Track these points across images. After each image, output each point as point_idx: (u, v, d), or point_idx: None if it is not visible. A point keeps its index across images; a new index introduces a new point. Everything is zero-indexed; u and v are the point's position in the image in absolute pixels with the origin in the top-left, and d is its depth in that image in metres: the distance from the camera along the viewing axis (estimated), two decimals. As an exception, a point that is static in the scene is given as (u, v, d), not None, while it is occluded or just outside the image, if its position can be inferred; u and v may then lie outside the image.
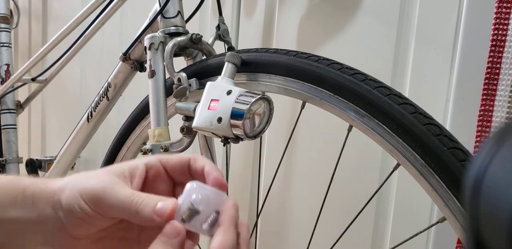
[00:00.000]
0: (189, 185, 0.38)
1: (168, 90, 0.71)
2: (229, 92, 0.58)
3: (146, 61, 0.73)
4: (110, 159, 0.89)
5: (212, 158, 0.83)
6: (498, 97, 0.66)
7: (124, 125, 0.86)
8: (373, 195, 0.60)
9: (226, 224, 0.36)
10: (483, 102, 0.66)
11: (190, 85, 0.67)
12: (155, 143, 0.69)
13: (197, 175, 0.40)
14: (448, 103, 0.77)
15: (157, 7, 0.77)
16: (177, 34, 0.73)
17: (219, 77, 0.61)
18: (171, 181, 0.42)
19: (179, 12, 0.75)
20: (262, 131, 0.60)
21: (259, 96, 0.57)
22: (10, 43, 1.36)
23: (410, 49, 0.81)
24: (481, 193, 0.21)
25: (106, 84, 0.92)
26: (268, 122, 0.60)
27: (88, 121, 0.97)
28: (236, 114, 0.56)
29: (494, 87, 0.66)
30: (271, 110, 0.60)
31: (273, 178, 0.69)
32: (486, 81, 0.66)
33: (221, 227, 0.36)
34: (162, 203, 0.36)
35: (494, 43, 0.65)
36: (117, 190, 0.37)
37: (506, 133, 0.22)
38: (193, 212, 0.36)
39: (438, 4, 0.77)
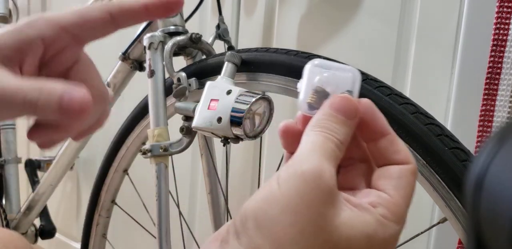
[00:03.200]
0: (309, 65, 0.31)
1: (168, 90, 0.71)
2: (229, 92, 0.58)
3: (145, 60, 0.73)
4: (109, 160, 0.89)
5: (212, 158, 0.83)
6: (499, 97, 0.65)
7: (123, 125, 0.86)
8: (373, 195, 0.59)
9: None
10: (484, 102, 0.66)
11: (189, 84, 0.67)
12: (154, 143, 0.69)
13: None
14: (449, 103, 0.76)
15: (156, 7, 0.77)
16: (177, 33, 0.73)
17: (219, 77, 0.61)
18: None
19: (179, 11, 0.75)
20: (262, 131, 0.60)
21: (259, 96, 0.57)
22: (10, 43, 1.35)
23: (411, 48, 0.80)
24: (482, 193, 0.21)
25: (105, 84, 0.91)
26: (268, 122, 0.60)
27: (87, 121, 0.96)
28: (236, 114, 0.56)
29: (495, 87, 0.65)
30: (271, 110, 0.60)
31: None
32: (487, 81, 0.66)
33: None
34: (68, 92, 0.27)
35: (495, 42, 0.65)
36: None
37: (507, 133, 0.22)
38: (321, 95, 0.30)
39: (439, 3, 0.77)
